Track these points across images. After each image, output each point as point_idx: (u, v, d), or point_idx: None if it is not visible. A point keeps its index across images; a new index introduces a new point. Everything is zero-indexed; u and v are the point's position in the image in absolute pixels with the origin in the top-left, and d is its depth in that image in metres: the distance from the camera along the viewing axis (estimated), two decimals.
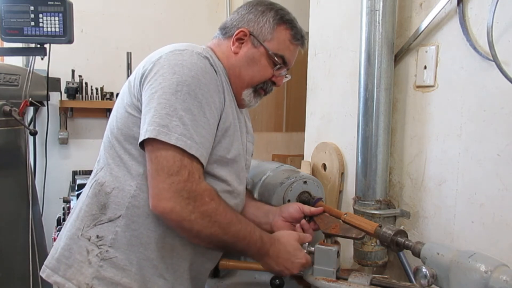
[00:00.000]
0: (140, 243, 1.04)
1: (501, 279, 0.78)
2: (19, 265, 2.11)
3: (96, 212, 1.06)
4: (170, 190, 0.94)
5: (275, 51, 1.15)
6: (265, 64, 1.16)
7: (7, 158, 2.11)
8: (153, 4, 3.28)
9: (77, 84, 2.99)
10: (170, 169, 0.95)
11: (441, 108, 1.29)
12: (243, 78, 1.16)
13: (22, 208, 2.17)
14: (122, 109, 1.08)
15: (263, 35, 1.15)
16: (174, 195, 0.94)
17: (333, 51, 1.73)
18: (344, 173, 1.67)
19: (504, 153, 1.12)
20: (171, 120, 0.95)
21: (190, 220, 0.96)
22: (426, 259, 0.90)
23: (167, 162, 0.95)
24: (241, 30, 1.15)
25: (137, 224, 1.04)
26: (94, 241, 1.04)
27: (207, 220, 0.98)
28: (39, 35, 1.96)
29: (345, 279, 1.05)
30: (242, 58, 1.15)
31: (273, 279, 1.18)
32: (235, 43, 1.16)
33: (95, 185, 1.08)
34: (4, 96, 2.05)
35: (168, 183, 0.94)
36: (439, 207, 1.30)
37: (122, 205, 1.04)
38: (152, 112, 0.97)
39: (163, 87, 0.98)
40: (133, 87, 1.06)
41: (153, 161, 0.97)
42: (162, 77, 0.99)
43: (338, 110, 1.71)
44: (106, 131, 1.13)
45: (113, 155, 1.08)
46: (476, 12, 1.18)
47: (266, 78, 1.18)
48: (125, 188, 1.04)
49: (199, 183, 0.97)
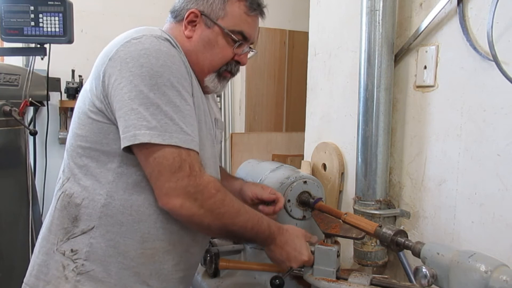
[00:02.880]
0: (117, 252, 0.99)
1: (501, 279, 0.78)
2: (19, 265, 2.11)
3: (68, 225, 1.00)
4: (177, 188, 0.93)
5: (231, 27, 1.06)
6: (223, 44, 1.07)
7: (7, 158, 2.11)
8: (153, 4, 3.28)
9: (77, 84, 2.99)
10: (171, 167, 0.92)
11: (441, 108, 1.29)
12: (202, 63, 1.07)
13: (22, 208, 2.17)
14: (84, 115, 1.00)
15: (214, 13, 1.05)
16: (182, 192, 0.93)
17: (333, 51, 1.73)
18: (344, 173, 1.67)
19: (504, 153, 1.12)
20: (158, 120, 0.91)
21: (199, 215, 0.95)
22: (426, 259, 0.90)
23: (167, 161, 0.92)
24: (191, 11, 1.05)
25: (112, 233, 0.99)
26: (69, 255, 0.99)
27: (216, 213, 0.97)
28: (39, 35, 1.96)
29: (345, 279, 1.05)
30: (197, 42, 1.06)
31: (273, 279, 1.18)
32: (187, 27, 1.07)
33: (63, 197, 1.02)
34: (4, 96, 2.04)
35: (174, 181, 0.92)
36: (439, 207, 1.30)
37: (94, 216, 0.99)
38: (135, 115, 0.91)
39: (136, 84, 0.91)
40: (95, 88, 0.98)
41: (151, 163, 0.93)
42: (130, 72, 0.92)
43: (338, 110, 1.71)
44: (69, 138, 1.05)
45: (79, 164, 1.01)
46: (476, 12, 1.18)
47: (228, 59, 1.09)
48: (95, 197, 0.99)
49: (202, 175, 0.95)
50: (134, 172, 0.99)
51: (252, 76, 3.20)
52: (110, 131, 0.98)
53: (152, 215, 1.00)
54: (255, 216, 1.04)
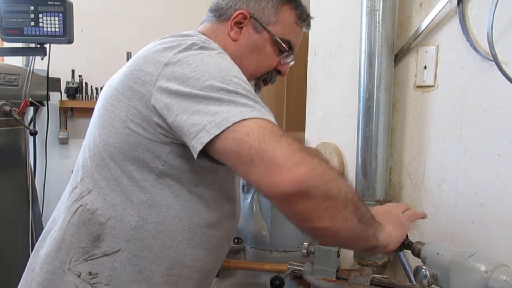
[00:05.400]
0: (142, 278, 0.90)
1: (501, 279, 0.78)
2: (19, 265, 2.10)
3: (87, 244, 0.89)
4: (295, 151, 0.72)
5: (280, 35, 1.00)
6: (270, 52, 1.01)
7: (7, 158, 2.11)
8: (153, 4, 3.28)
9: (77, 84, 2.99)
10: (276, 132, 0.74)
11: (441, 108, 1.29)
12: (245, 69, 0.94)
13: (22, 208, 2.17)
14: (120, 123, 0.87)
15: (266, 18, 0.98)
16: (302, 155, 0.72)
17: (333, 51, 1.73)
18: (344, 173, 1.67)
19: (504, 153, 1.12)
20: (243, 102, 0.76)
21: (325, 182, 0.73)
22: (426, 259, 0.90)
23: (265, 126, 0.74)
24: (240, 12, 0.98)
25: (140, 258, 0.89)
26: (86, 278, 0.88)
27: (338, 180, 0.75)
28: (39, 35, 1.96)
29: (345, 279, 1.05)
30: (244, 46, 0.99)
31: (273, 279, 1.18)
32: (234, 28, 0.99)
33: (82, 212, 0.90)
34: (4, 96, 2.05)
35: (286, 143, 0.72)
36: (439, 207, 1.30)
37: (122, 238, 0.88)
38: (215, 104, 0.76)
39: (206, 79, 0.78)
40: (142, 98, 0.85)
41: (242, 142, 0.73)
42: (195, 72, 0.80)
43: (338, 110, 1.71)
44: (94, 144, 0.92)
45: (107, 177, 0.89)
46: (476, 12, 1.18)
47: (272, 67, 1.03)
48: (124, 218, 0.88)
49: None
50: (168, 194, 0.89)
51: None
52: (150, 147, 0.86)
53: (184, 241, 0.92)
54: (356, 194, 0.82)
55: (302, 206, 0.73)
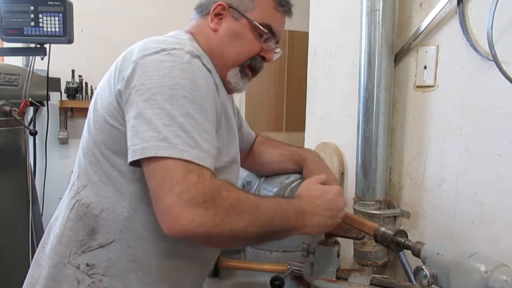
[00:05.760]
0: (138, 267, 0.93)
1: (501, 279, 0.78)
2: (19, 265, 2.11)
3: (83, 237, 0.93)
4: (180, 202, 0.76)
5: (259, 20, 1.02)
6: (251, 37, 1.03)
7: (7, 158, 2.11)
8: (153, 4, 3.28)
9: (77, 84, 2.99)
10: (173, 178, 0.78)
11: (441, 108, 1.29)
12: (227, 57, 1.03)
13: (22, 208, 2.17)
14: (102, 120, 0.93)
15: (243, 5, 1.02)
16: (189, 205, 0.76)
17: (333, 51, 1.73)
18: (344, 173, 1.67)
19: (504, 153, 1.12)
20: (170, 130, 0.80)
21: (217, 225, 0.78)
22: (426, 259, 0.90)
23: (168, 171, 0.79)
24: (218, 4, 1.02)
25: (133, 248, 0.92)
26: (84, 269, 0.92)
27: (234, 214, 0.81)
28: (39, 35, 1.97)
29: (345, 279, 1.05)
30: (224, 35, 1.02)
31: (273, 279, 1.18)
32: (214, 20, 1.03)
33: (78, 206, 0.95)
34: (4, 96, 2.05)
35: (176, 194, 0.76)
36: (439, 207, 1.30)
37: (115, 229, 0.92)
38: (146, 125, 0.81)
39: (154, 93, 0.83)
40: (114, 93, 0.90)
41: (151, 176, 0.80)
42: (151, 81, 0.84)
43: (338, 110, 1.71)
44: (86, 142, 0.97)
45: (99, 172, 0.93)
46: (476, 12, 1.18)
47: (254, 52, 1.05)
48: (116, 209, 0.92)
49: (211, 180, 0.81)
50: None
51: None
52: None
53: None
54: (271, 198, 0.96)
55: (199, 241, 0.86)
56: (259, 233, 0.86)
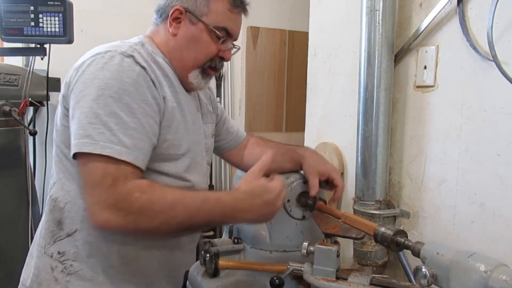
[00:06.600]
0: (101, 253, 1.02)
1: (500, 279, 0.78)
2: (19, 265, 2.11)
3: (54, 228, 1.04)
4: (98, 203, 0.89)
5: (215, 24, 1.06)
6: (208, 40, 1.07)
7: (7, 158, 2.11)
8: (153, 4, 3.27)
9: None
10: (92, 181, 0.90)
11: (441, 108, 1.29)
12: (186, 60, 1.08)
13: (22, 208, 2.17)
14: (59, 121, 1.03)
15: (199, 10, 1.05)
16: (103, 206, 0.88)
17: (333, 51, 1.73)
18: (344, 173, 1.67)
19: (504, 153, 1.12)
20: (94, 128, 0.89)
21: (129, 223, 0.89)
22: (426, 259, 0.90)
23: (89, 174, 0.91)
24: (175, 8, 1.06)
25: (93, 236, 1.01)
26: (56, 257, 1.02)
27: (146, 215, 0.90)
28: (39, 35, 1.96)
29: (345, 279, 1.05)
30: (182, 39, 1.07)
31: (273, 279, 1.18)
32: (172, 24, 1.07)
33: (50, 201, 1.06)
34: (4, 96, 2.04)
35: (95, 196, 0.90)
36: (439, 207, 1.30)
37: (76, 219, 1.01)
38: (76, 124, 0.92)
39: (85, 95, 0.92)
40: (64, 97, 1.01)
41: (80, 175, 0.94)
42: (83, 83, 0.94)
43: (338, 110, 1.71)
44: (55, 144, 1.07)
45: (63, 169, 1.03)
46: (476, 12, 1.18)
47: (213, 54, 1.09)
48: (76, 201, 1.01)
49: (125, 183, 0.89)
50: None
51: (252, 76, 3.19)
52: None
53: None
54: (197, 196, 0.96)
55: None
56: (179, 229, 0.96)
